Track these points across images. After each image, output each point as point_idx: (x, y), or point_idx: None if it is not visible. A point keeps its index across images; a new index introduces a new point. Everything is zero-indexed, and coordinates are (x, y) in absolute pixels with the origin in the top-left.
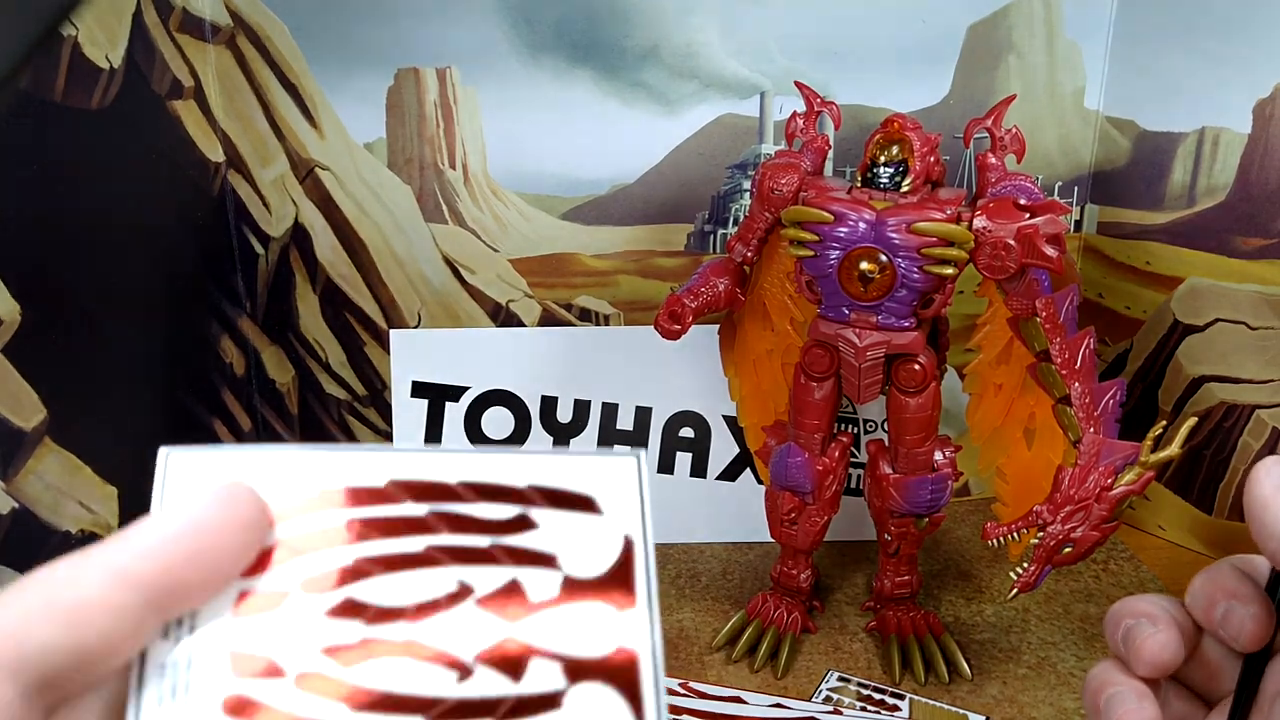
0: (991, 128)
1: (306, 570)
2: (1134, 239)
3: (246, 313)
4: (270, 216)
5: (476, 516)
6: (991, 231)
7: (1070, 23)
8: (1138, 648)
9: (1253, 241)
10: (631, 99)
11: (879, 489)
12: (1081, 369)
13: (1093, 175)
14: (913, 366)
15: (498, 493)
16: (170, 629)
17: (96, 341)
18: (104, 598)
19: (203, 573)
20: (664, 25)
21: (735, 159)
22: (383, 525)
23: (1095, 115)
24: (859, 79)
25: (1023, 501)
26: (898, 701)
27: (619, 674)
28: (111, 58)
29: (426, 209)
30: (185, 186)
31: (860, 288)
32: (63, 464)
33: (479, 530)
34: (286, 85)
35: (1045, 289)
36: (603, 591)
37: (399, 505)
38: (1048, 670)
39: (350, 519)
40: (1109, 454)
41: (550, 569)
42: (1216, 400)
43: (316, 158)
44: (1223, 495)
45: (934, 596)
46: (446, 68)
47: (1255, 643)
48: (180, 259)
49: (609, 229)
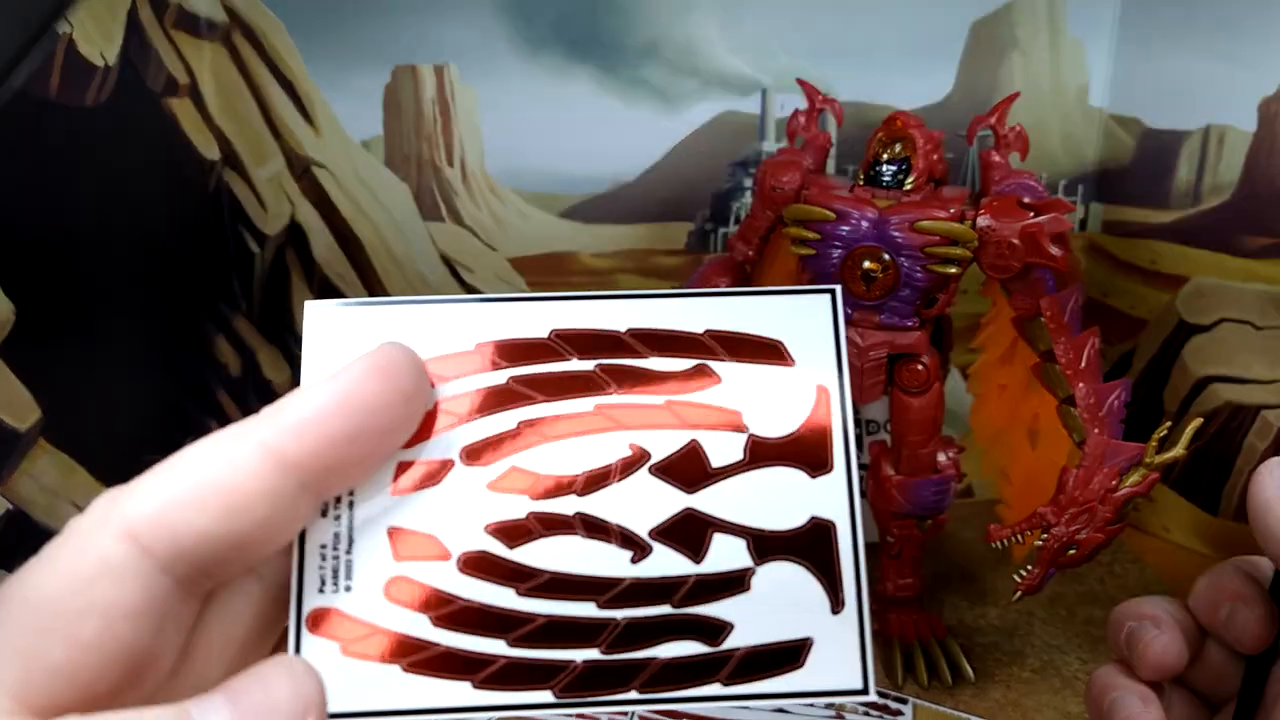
0: (995, 125)
1: (467, 437)
2: (1139, 237)
3: (242, 312)
4: (266, 215)
5: (650, 370)
6: (995, 230)
7: (1074, 19)
8: (1142, 651)
9: (1258, 240)
10: (631, 96)
11: (881, 491)
12: (1086, 369)
13: (1097, 173)
14: (916, 367)
15: (672, 342)
16: (329, 507)
17: (91, 341)
18: (259, 483)
19: (362, 450)
20: (664, 22)
21: (736, 157)
22: (548, 383)
23: (1099, 113)
24: (861, 76)
25: (1027, 503)
26: (900, 706)
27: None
28: (106, 55)
29: (424, 207)
30: (180, 185)
31: (863, 287)
32: (57, 465)
33: (653, 386)
34: (283, 83)
35: (1050, 288)
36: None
37: (564, 361)
38: (1052, 674)
39: (512, 377)
40: (1114, 455)
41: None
42: (1222, 401)
43: (313, 156)
44: (1227, 496)
45: (937, 599)
46: (444, 65)
47: (1259, 645)
48: (175, 258)
49: (608, 227)
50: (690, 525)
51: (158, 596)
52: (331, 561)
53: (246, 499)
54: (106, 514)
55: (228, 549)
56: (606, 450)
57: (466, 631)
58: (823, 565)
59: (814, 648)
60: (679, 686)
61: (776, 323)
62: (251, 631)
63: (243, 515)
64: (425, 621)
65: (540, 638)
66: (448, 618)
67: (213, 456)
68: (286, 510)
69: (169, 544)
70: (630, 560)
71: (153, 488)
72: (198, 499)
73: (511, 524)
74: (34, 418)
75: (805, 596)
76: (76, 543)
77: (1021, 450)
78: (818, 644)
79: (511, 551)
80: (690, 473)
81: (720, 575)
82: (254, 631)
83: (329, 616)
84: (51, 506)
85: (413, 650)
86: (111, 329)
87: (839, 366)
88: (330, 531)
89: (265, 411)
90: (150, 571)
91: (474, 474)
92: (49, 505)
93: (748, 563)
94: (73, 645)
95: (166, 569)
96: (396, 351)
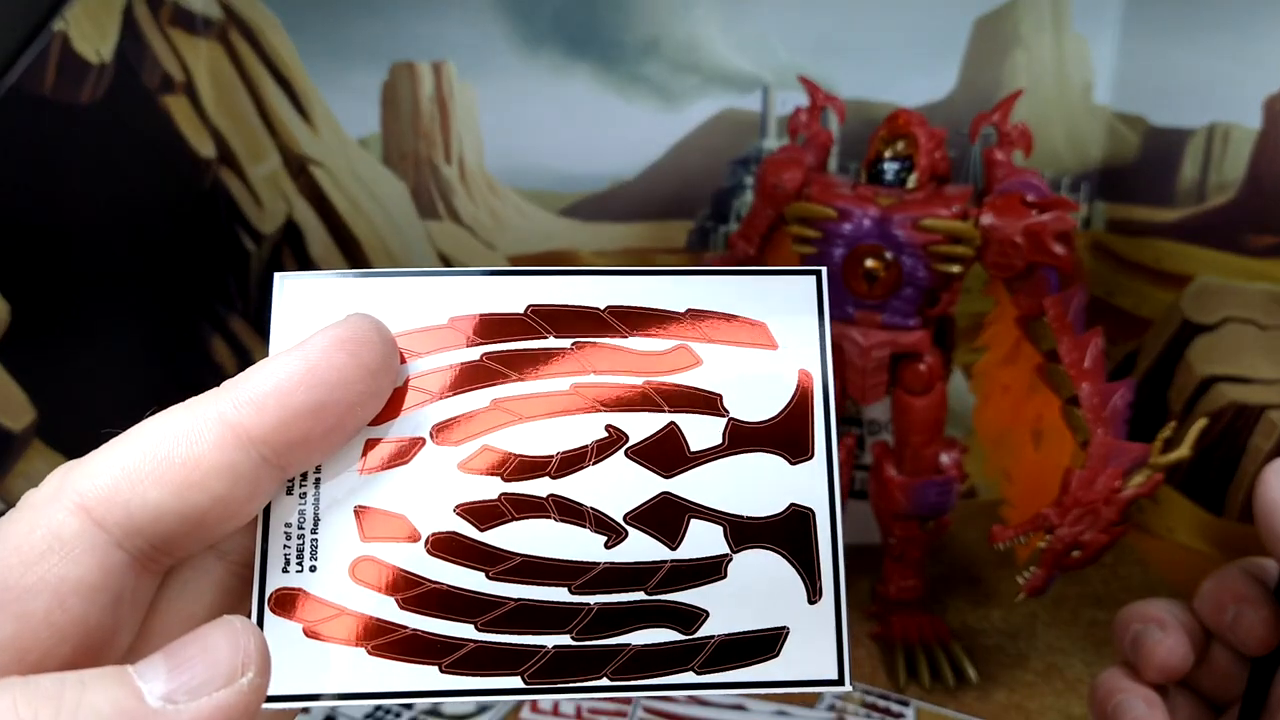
0: (998, 123)
1: (438, 415)
2: (1143, 236)
3: (238, 312)
4: (262, 213)
5: (628, 349)
6: (999, 228)
7: (1078, 17)
8: (1147, 653)
9: (1263, 239)
10: (631, 93)
11: (884, 492)
12: (1090, 369)
13: (1101, 171)
14: (918, 367)
15: (652, 320)
16: (294, 485)
17: (86, 341)
18: (218, 456)
19: (326, 424)
20: (665, 18)
21: (737, 154)
22: (522, 360)
23: (1104, 110)
24: (863, 73)
25: (1030, 504)
26: (903, 708)
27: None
28: (102, 52)
29: (422, 205)
30: (176, 183)
31: (865, 286)
32: (52, 466)
33: (631, 366)
34: (279, 80)
35: (1053, 287)
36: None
37: (540, 338)
38: (1055, 676)
39: (485, 354)
40: (1118, 456)
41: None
42: (1226, 401)
43: (310, 154)
44: (1232, 497)
45: (940, 601)
46: (442, 62)
47: (1264, 647)
48: (171, 257)
49: (608, 225)
50: (666, 510)
51: (112, 572)
52: (296, 541)
53: (203, 473)
54: (59, 487)
55: (185, 524)
56: (582, 431)
57: (434, 615)
58: (801, 554)
59: (789, 637)
60: (651, 674)
61: (761, 303)
62: (213, 610)
63: (199, 490)
64: (392, 604)
65: (510, 622)
66: (415, 600)
67: (169, 429)
68: (247, 486)
69: (123, 518)
70: (604, 545)
71: (107, 461)
72: (153, 472)
73: (482, 505)
74: (29, 418)
75: (782, 585)
76: (28, 517)
77: (1025, 451)
78: (794, 634)
79: (482, 533)
80: (668, 456)
81: (696, 562)
82: (215, 610)
83: (293, 597)
84: None
85: (379, 633)
86: (107, 328)
87: (822, 350)
88: (295, 510)
89: (225, 385)
90: (104, 546)
91: (444, 453)
92: None
93: (724, 550)
94: (22, 621)
95: (121, 544)
96: (363, 323)
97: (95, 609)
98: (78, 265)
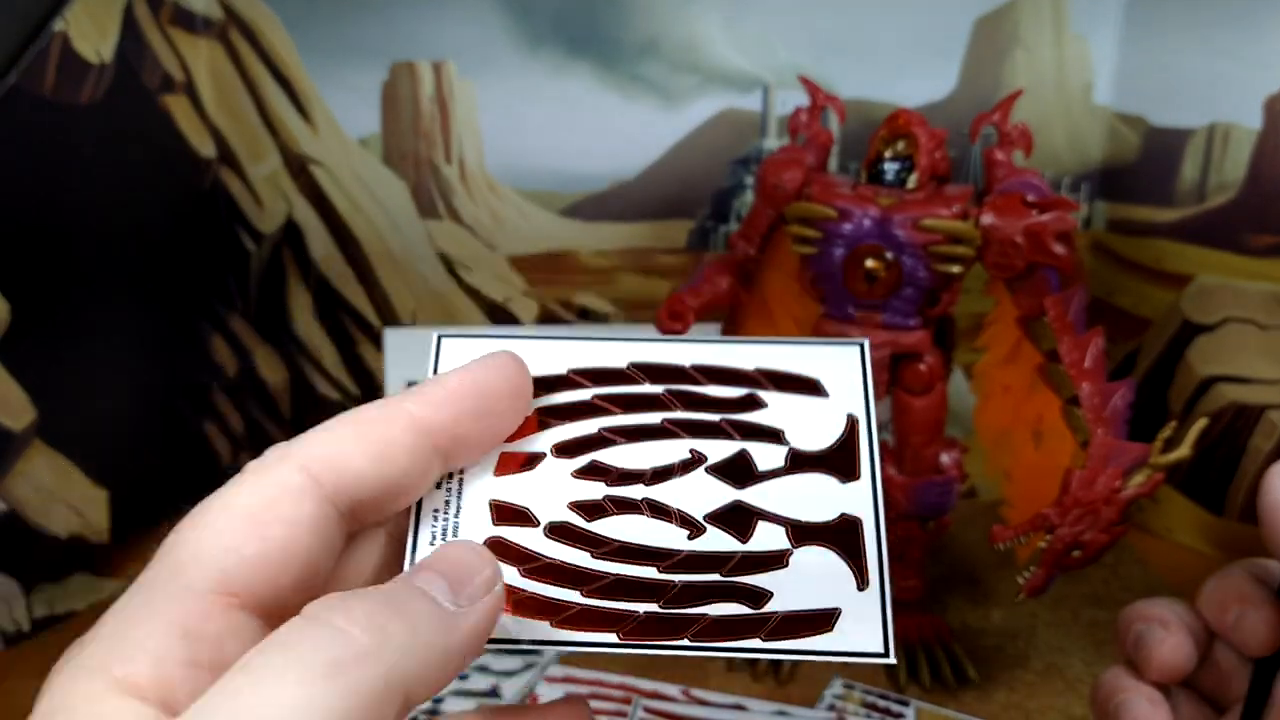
0: (999, 123)
1: (558, 437)
2: (1143, 236)
3: (238, 311)
4: (262, 213)
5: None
6: (999, 229)
7: (1078, 16)
8: (1149, 653)
9: (1264, 239)
10: (631, 93)
11: (884, 492)
12: (1090, 369)
13: (1102, 171)
14: (918, 367)
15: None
16: (443, 482)
17: (86, 341)
18: (405, 439)
19: (481, 428)
20: (665, 18)
21: (737, 154)
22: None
23: (1104, 110)
24: (864, 73)
25: (1030, 504)
26: (903, 709)
27: (842, 538)
28: (101, 52)
29: (422, 205)
30: (176, 182)
31: (865, 286)
32: (52, 465)
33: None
34: (279, 79)
35: (1054, 287)
36: (827, 465)
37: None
38: (1055, 676)
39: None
40: (1118, 456)
41: (777, 443)
42: (1226, 401)
43: (310, 153)
44: (1232, 497)
45: (940, 601)
46: (443, 61)
47: (1267, 648)
48: (171, 257)
49: (608, 225)
50: (739, 514)
51: (327, 521)
52: (442, 523)
53: (395, 450)
54: (283, 455)
55: (377, 492)
56: (670, 453)
57: (548, 583)
58: (851, 551)
59: (842, 616)
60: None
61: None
62: (374, 576)
63: (391, 464)
64: (515, 573)
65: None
66: (534, 571)
67: (369, 416)
68: (422, 467)
69: (335, 479)
70: (687, 537)
71: (320, 435)
72: (358, 445)
73: (590, 503)
74: (29, 418)
75: (835, 575)
76: (258, 475)
77: (1025, 451)
78: (845, 613)
79: (589, 524)
80: (740, 473)
81: (763, 553)
82: (376, 577)
83: None
84: (45, 507)
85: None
86: (107, 328)
87: (866, 401)
88: (442, 500)
89: (409, 389)
90: (321, 499)
91: (561, 464)
92: (43, 506)
93: (786, 545)
94: (266, 544)
95: (332, 499)
96: (511, 357)
97: (316, 548)
98: (78, 265)
